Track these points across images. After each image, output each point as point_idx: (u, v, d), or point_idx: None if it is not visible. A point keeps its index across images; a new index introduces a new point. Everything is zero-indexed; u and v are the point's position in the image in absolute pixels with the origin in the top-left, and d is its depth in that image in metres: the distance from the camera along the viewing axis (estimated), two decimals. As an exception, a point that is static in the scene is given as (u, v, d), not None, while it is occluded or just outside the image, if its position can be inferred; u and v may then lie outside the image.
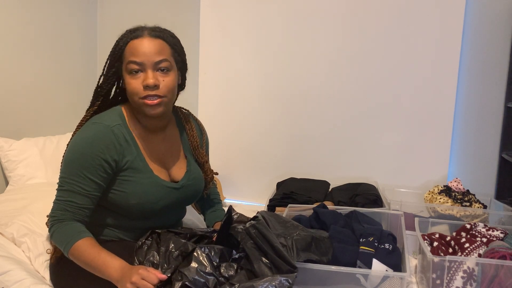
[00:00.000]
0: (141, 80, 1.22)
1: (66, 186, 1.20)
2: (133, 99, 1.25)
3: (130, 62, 1.22)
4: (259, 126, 2.43)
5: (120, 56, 1.26)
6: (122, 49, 1.25)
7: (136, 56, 1.22)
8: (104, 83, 1.30)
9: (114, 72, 1.29)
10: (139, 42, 1.23)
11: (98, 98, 1.33)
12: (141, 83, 1.22)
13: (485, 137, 2.24)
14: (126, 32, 1.28)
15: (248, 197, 2.44)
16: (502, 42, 2.17)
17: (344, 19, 2.26)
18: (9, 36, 2.10)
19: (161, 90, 1.23)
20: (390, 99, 2.25)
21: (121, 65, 1.27)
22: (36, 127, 2.29)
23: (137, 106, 1.26)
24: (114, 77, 1.30)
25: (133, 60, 1.22)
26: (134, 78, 1.23)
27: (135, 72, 1.22)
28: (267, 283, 0.99)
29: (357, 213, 1.55)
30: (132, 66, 1.22)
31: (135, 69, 1.22)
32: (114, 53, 1.27)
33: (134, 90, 1.23)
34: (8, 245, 1.51)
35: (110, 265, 1.12)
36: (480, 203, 1.89)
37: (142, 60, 1.22)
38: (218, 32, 2.41)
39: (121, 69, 1.27)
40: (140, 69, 1.22)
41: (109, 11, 2.70)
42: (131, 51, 1.23)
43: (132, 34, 1.25)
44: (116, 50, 1.26)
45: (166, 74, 1.25)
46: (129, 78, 1.23)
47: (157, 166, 1.33)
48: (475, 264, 1.27)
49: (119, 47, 1.26)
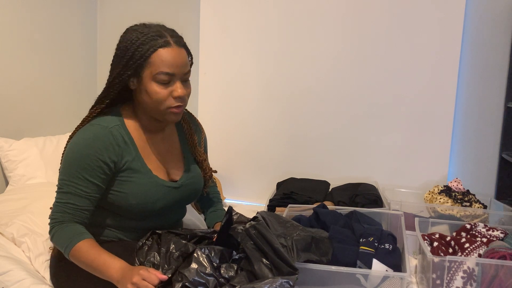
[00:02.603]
0: (169, 90, 1.23)
1: (66, 188, 1.20)
2: (158, 107, 1.24)
3: (162, 73, 1.21)
4: (259, 126, 2.43)
5: (144, 61, 1.21)
6: (148, 56, 1.20)
7: (168, 68, 1.21)
8: (116, 84, 1.25)
9: (132, 74, 1.23)
10: (169, 52, 1.21)
11: (107, 97, 1.28)
12: (170, 93, 1.23)
13: (485, 137, 2.24)
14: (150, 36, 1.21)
15: (248, 197, 2.44)
16: (502, 42, 2.17)
17: (344, 19, 2.26)
18: (9, 36, 2.10)
19: (185, 100, 1.27)
20: (390, 99, 2.25)
21: (142, 70, 1.22)
22: (36, 127, 2.29)
23: (158, 114, 1.26)
24: (128, 79, 1.25)
25: (166, 72, 1.21)
26: (163, 88, 1.22)
27: (165, 82, 1.22)
28: (268, 285, 0.98)
29: (357, 213, 1.55)
30: (163, 77, 1.21)
31: (166, 80, 1.22)
32: (134, 57, 1.21)
33: (161, 99, 1.23)
34: (8, 245, 1.51)
35: (111, 265, 1.13)
36: (480, 203, 1.89)
37: (174, 72, 1.22)
38: (218, 32, 2.41)
39: (140, 73, 1.23)
40: (169, 80, 1.23)
41: (109, 11, 2.70)
42: (162, 61, 1.20)
43: (158, 40, 1.21)
44: (137, 54, 1.21)
45: (188, 84, 1.28)
46: (156, 86, 1.22)
47: (156, 166, 1.33)
48: (475, 264, 1.27)
49: (142, 53, 1.20)
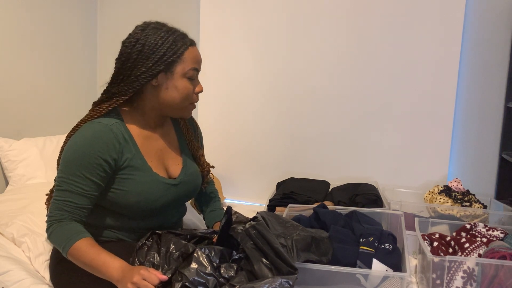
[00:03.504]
0: (194, 86, 1.32)
1: (64, 186, 1.20)
2: (183, 102, 1.31)
3: (194, 69, 1.30)
4: (259, 126, 2.43)
5: (178, 57, 1.27)
6: (182, 53, 1.27)
7: (197, 64, 1.32)
8: (144, 78, 1.25)
9: (162, 69, 1.25)
10: (196, 51, 1.32)
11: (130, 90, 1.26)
12: (194, 89, 1.32)
13: (485, 137, 2.24)
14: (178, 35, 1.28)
15: (248, 197, 2.44)
16: (502, 42, 2.17)
17: (344, 19, 2.26)
18: (9, 36, 2.11)
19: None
20: (390, 100, 2.25)
21: (174, 66, 1.26)
22: (36, 127, 2.29)
23: (178, 109, 1.32)
24: (156, 75, 1.26)
25: (196, 68, 1.31)
26: (191, 83, 1.31)
27: (193, 78, 1.31)
28: (268, 284, 0.98)
29: (357, 213, 1.55)
30: (193, 73, 1.30)
31: (194, 75, 1.32)
32: (167, 54, 1.25)
33: (189, 94, 1.31)
34: (8, 245, 1.51)
35: (111, 265, 1.12)
36: (480, 203, 1.89)
37: (200, 67, 1.34)
38: (218, 32, 2.41)
39: (172, 68, 1.26)
40: (195, 76, 1.33)
41: (109, 11, 2.70)
42: (193, 58, 1.30)
43: (186, 39, 1.30)
44: (170, 51, 1.25)
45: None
46: (187, 82, 1.29)
47: (155, 163, 1.33)
48: (475, 264, 1.27)
49: (178, 49, 1.26)
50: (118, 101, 1.28)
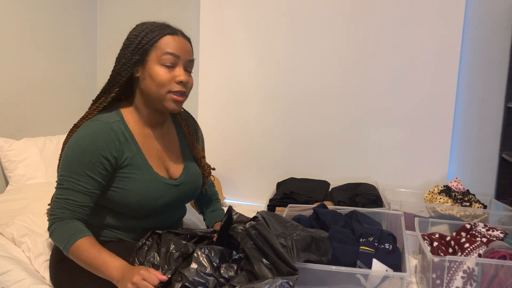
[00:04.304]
0: (173, 74, 1.25)
1: (66, 184, 1.20)
2: (159, 91, 1.25)
3: (168, 53, 1.24)
4: (259, 126, 2.43)
5: (151, 46, 1.25)
6: (156, 40, 1.25)
7: (174, 50, 1.25)
8: (124, 70, 1.27)
9: (137, 61, 1.26)
10: (176, 38, 1.27)
11: (116, 85, 1.29)
12: (173, 78, 1.25)
13: (485, 137, 2.24)
14: (158, 25, 1.27)
15: (248, 197, 2.44)
16: (502, 42, 2.17)
17: (344, 19, 2.26)
18: (9, 36, 2.10)
19: (187, 89, 1.30)
20: (390, 99, 2.25)
21: (147, 55, 1.25)
22: (36, 127, 2.29)
23: (158, 99, 1.26)
24: (134, 66, 1.27)
25: (171, 52, 1.24)
26: (167, 71, 1.25)
27: (168, 65, 1.25)
28: (268, 285, 0.98)
29: (357, 213, 1.55)
30: (168, 58, 1.24)
31: (171, 61, 1.25)
32: (142, 42, 1.25)
33: (164, 81, 1.24)
34: (8, 245, 1.51)
35: (111, 265, 1.12)
36: (480, 203, 1.89)
37: (179, 54, 1.26)
38: (218, 32, 2.41)
39: (146, 58, 1.25)
40: (173, 64, 1.25)
41: (109, 11, 2.70)
42: (168, 44, 1.25)
43: (167, 29, 1.27)
44: (145, 39, 1.25)
45: (190, 75, 1.31)
46: (159, 68, 1.25)
47: (156, 163, 1.33)
48: (475, 264, 1.27)
49: (152, 38, 1.25)
50: (107, 99, 1.29)
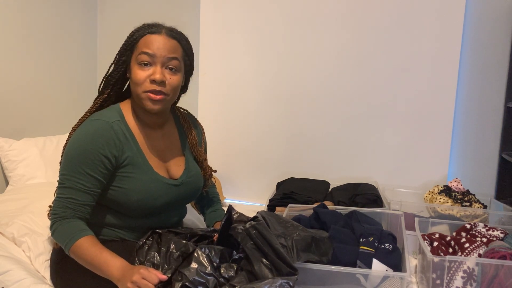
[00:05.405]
0: (148, 73, 1.25)
1: (67, 183, 1.21)
2: (137, 90, 1.26)
3: (142, 52, 1.25)
4: (259, 126, 2.43)
5: (133, 46, 1.28)
6: (137, 40, 1.27)
7: (149, 48, 1.25)
8: (114, 71, 1.31)
9: (124, 61, 1.30)
10: (155, 37, 1.26)
11: (107, 86, 1.33)
12: (148, 76, 1.24)
13: (485, 137, 2.24)
14: (144, 25, 1.30)
15: (248, 197, 2.44)
16: (502, 42, 2.17)
17: (344, 19, 2.26)
18: (9, 36, 2.10)
19: (166, 88, 1.27)
20: (390, 99, 2.25)
21: (131, 55, 1.28)
22: (36, 127, 2.29)
23: (139, 99, 1.27)
24: (123, 66, 1.31)
25: (145, 51, 1.24)
26: (143, 70, 1.25)
27: (145, 64, 1.25)
28: (268, 285, 0.98)
29: (357, 213, 1.55)
30: (143, 57, 1.25)
31: (146, 61, 1.25)
32: (128, 42, 1.29)
33: (139, 81, 1.25)
34: (8, 244, 1.51)
35: (111, 264, 1.13)
36: (480, 203, 1.89)
37: (155, 52, 1.24)
38: (218, 32, 2.41)
39: (130, 59, 1.29)
40: (150, 63, 1.25)
41: (109, 11, 2.70)
42: (145, 43, 1.26)
43: (150, 28, 1.28)
44: (130, 39, 1.29)
45: (174, 74, 1.29)
46: (137, 68, 1.26)
47: (156, 162, 1.33)
48: (475, 264, 1.27)
49: (134, 38, 1.28)
50: (99, 100, 1.33)
